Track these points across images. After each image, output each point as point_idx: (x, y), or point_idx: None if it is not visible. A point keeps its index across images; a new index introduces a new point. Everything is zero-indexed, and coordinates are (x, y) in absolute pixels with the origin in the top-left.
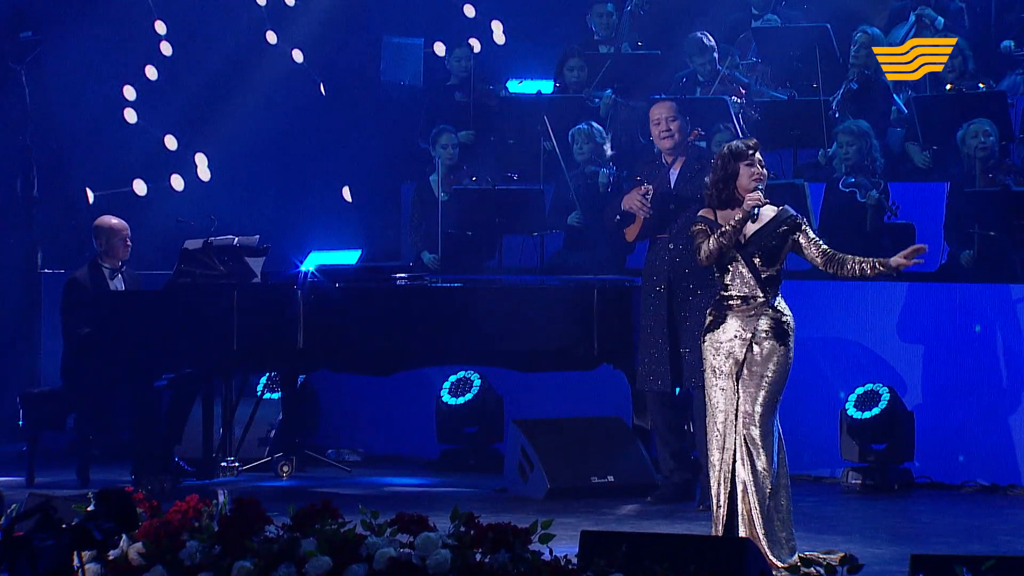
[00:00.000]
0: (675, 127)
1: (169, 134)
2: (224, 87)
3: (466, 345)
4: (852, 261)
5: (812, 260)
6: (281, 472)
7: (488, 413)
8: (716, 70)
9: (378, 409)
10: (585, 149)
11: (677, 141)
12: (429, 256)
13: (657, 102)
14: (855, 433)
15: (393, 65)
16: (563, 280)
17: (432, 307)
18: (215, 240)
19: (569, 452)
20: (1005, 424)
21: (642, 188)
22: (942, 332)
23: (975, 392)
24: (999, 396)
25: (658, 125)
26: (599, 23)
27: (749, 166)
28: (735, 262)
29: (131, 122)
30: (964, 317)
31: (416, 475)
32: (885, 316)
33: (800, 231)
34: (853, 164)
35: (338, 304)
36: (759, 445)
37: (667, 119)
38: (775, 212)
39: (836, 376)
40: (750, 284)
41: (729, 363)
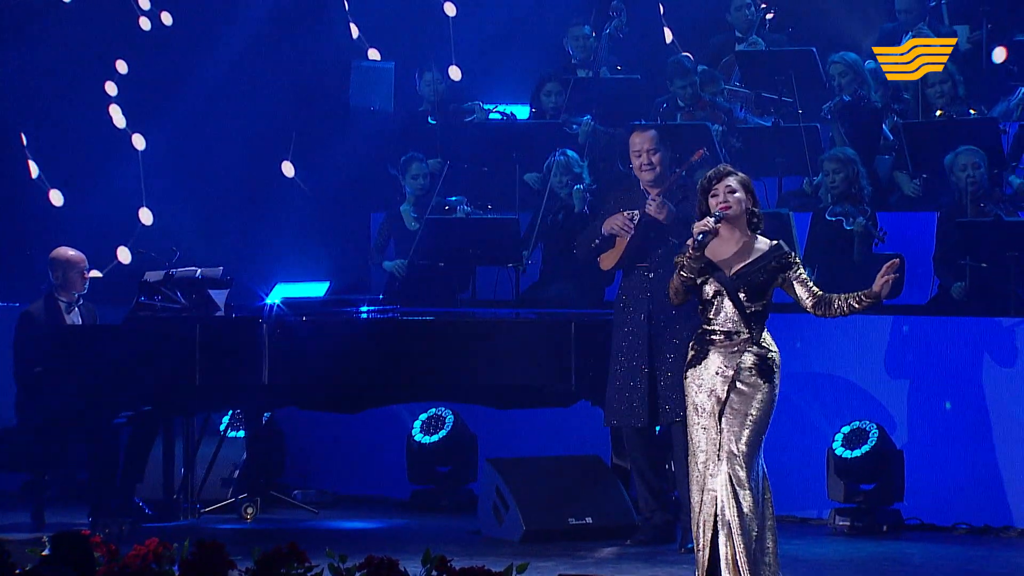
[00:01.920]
0: (656, 159)
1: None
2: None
3: (438, 381)
4: (838, 299)
5: (801, 302)
6: (245, 514)
7: (461, 452)
8: (698, 95)
9: (347, 448)
10: (564, 180)
11: (658, 173)
12: (390, 264)
13: (637, 130)
14: (843, 473)
15: (362, 90)
16: (539, 314)
17: (403, 341)
18: (176, 272)
19: (546, 492)
20: (997, 463)
21: (627, 213)
22: (932, 367)
23: (967, 430)
24: (991, 434)
25: (639, 156)
26: (576, 46)
27: (713, 196)
28: (720, 296)
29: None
30: (955, 352)
31: (386, 516)
32: (873, 350)
33: (791, 270)
34: (840, 192)
35: (305, 338)
36: (745, 485)
37: (648, 151)
38: (768, 247)
39: (823, 413)
40: (735, 319)
41: (711, 401)
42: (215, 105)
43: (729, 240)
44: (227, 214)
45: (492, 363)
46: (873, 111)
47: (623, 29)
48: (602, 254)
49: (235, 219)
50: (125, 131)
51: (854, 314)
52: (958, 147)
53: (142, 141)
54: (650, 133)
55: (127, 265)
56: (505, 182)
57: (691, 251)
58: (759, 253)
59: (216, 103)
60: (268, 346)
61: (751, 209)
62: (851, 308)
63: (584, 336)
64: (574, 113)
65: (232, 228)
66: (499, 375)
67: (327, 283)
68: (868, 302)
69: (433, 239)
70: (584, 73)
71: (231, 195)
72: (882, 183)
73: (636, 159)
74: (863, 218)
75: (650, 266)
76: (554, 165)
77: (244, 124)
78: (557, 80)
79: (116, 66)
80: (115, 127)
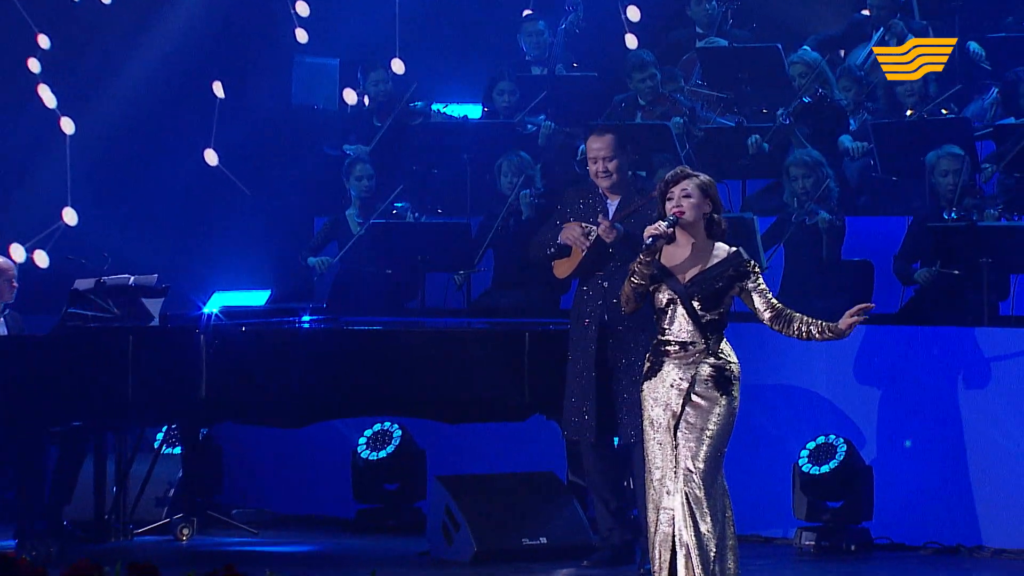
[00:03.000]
0: (612, 166)
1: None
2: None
3: (385, 394)
4: (800, 321)
5: (758, 314)
6: (181, 535)
7: (409, 468)
8: (657, 90)
9: (288, 465)
10: (514, 182)
11: (615, 181)
12: (314, 259)
13: (595, 133)
14: (809, 490)
15: (305, 87)
16: (492, 323)
17: (348, 352)
18: (108, 280)
19: (498, 511)
20: (969, 480)
21: (584, 226)
22: (903, 379)
23: (938, 445)
24: (964, 449)
25: (595, 162)
26: (531, 42)
27: (669, 199)
28: (673, 304)
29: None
30: (927, 363)
31: (330, 537)
32: (841, 362)
33: (750, 279)
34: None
35: (244, 349)
36: (703, 504)
37: (604, 158)
38: (727, 254)
39: (788, 428)
40: (689, 329)
41: (667, 415)
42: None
43: (685, 246)
44: (162, 217)
45: (442, 375)
46: (837, 110)
47: (579, 24)
48: (556, 260)
49: (171, 222)
50: (55, 112)
51: (811, 341)
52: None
53: (71, 125)
54: (607, 137)
55: (49, 271)
56: (456, 185)
57: (642, 256)
58: (717, 260)
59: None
60: (205, 358)
61: (710, 215)
62: (810, 335)
63: (538, 347)
64: (528, 112)
65: (168, 232)
66: (449, 388)
67: (268, 291)
68: (829, 336)
69: (379, 244)
70: (539, 70)
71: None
72: (851, 185)
73: (592, 165)
74: (825, 212)
75: (605, 274)
76: (504, 164)
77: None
78: (510, 78)
79: (38, 40)
80: (42, 108)
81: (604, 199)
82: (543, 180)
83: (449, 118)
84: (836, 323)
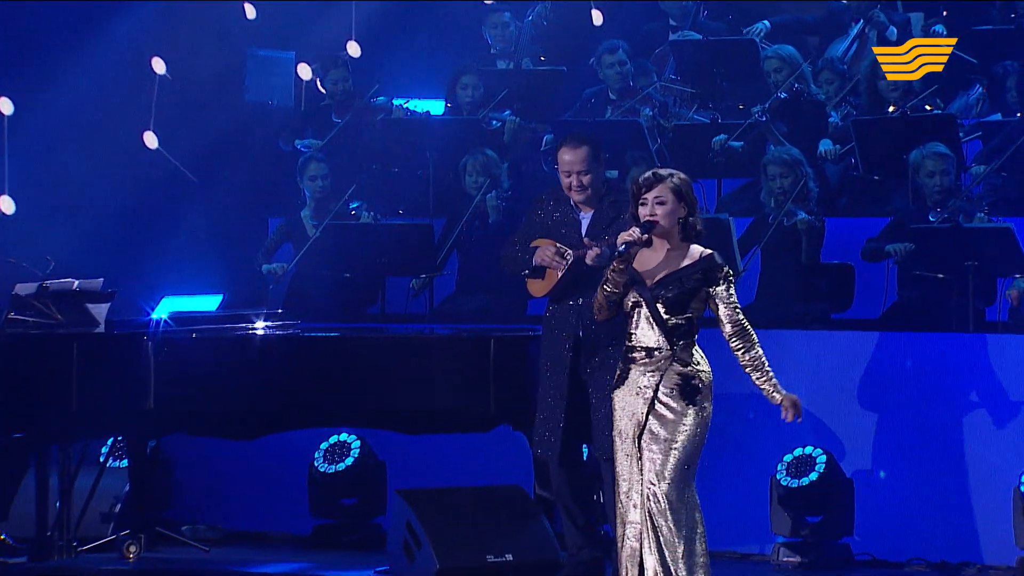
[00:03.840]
0: (587, 180)
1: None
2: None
3: (343, 404)
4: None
5: (721, 325)
6: (127, 553)
7: (368, 482)
8: (628, 83)
9: (241, 478)
10: (480, 182)
11: (588, 195)
12: (268, 266)
13: (568, 145)
14: (787, 503)
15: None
16: (455, 329)
17: (304, 360)
18: (51, 284)
19: (462, 527)
20: (955, 493)
21: (559, 247)
22: (884, 388)
23: (922, 456)
24: (949, 461)
25: (568, 176)
26: (496, 35)
27: (642, 205)
28: (638, 307)
29: None
30: (909, 371)
31: (285, 554)
32: (821, 369)
33: (719, 285)
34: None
35: (195, 357)
36: (668, 519)
37: (579, 172)
38: (699, 257)
39: (765, 438)
40: (654, 334)
41: (632, 424)
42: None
43: (659, 249)
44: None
45: (403, 384)
46: (815, 105)
47: (547, 16)
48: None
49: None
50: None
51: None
52: (925, 143)
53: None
54: (582, 151)
55: None
56: (418, 185)
57: (615, 263)
58: (687, 262)
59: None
60: (154, 366)
61: (686, 219)
62: (755, 378)
63: (504, 354)
64: (494, 108)
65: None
66: (410, 397)
67: (220, 296)
68: (764, 389)
69: (336, 247)
70: (504, 64)
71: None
72: (831, 185)
73: (565, 178)
74: (803, 213)
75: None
76: (468, 163)
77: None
78: (474, 72)
79: None
80: None
81: (577, 211)
82: (510, 179)
83: (411, 114)
84: (776, 392)
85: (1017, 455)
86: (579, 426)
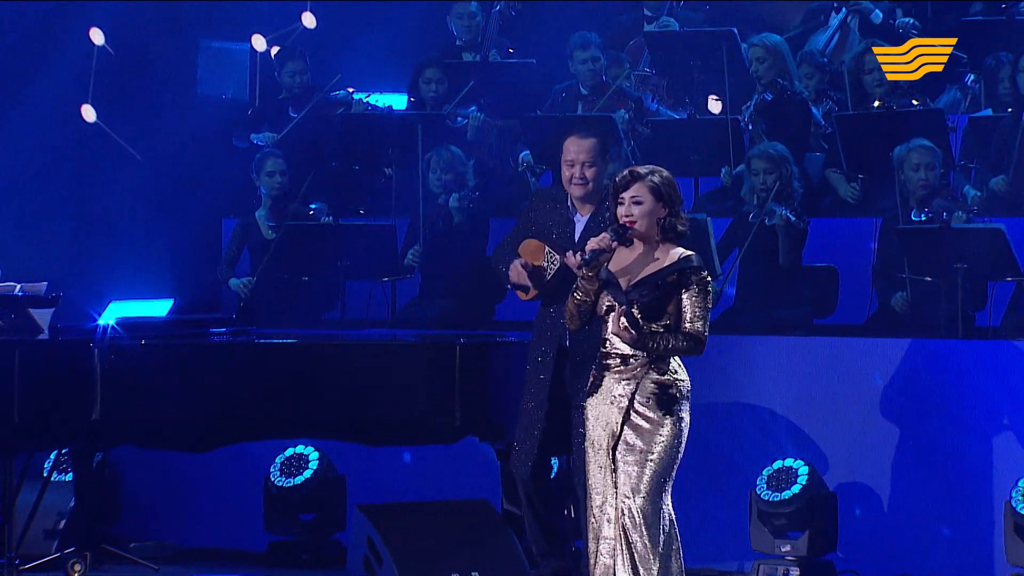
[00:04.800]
0: (591, 174)
1: None
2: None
3: (301, 414)
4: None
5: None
6: (72, 571)
7: (327, 496)
8: (600, 78)
9: (193, 493)
10: (444, 179)
11: (590, 191)
12: (236, 281)
13: (576, 135)
14: (767, 519)
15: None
16: (419, 336)
17: (260, 368)
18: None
19: (426, 543)
20: (944, 508)
21: (528, 264)
22: (870, 397)
23: (909, 469)
24: (937, 474)
25: (571, 166)
26: (461, 26)
27: (620, 204)
28: (612, 312)
29: None
30: (896, 379)
31: (239, 573)
32: (803, 377)
33: (688, 290)
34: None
35: (144, 365)
36: (643, 535)
37: (584, 164)
38: (677, 258)
39: (744, 450)
40: None
41: (606, 435)
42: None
43: (635, 248)
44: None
45: (364, 393)
46: (799, 103)
47: (515, 6)
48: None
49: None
50: None
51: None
52: (910, 139)
53: None
54: (589, 141)
55: None
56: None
57: (584, 270)
58: (664, 264)
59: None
60: (100, 375)
61: (665, 219)
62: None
63: (471, 361)
64: (459, 104)
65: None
66: (372, 407)
67: (171, 301)
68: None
69: (294, 250)
70: (470, 57)
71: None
72: (814, 184)
73: (568, 169)
74: (784, 210)
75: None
76: (432, 160)
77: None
78: (439, 65)
79: None
80: None
81: (573, 212)
82: (476, 178)
83: (372, 109)
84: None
85: (1009, 468)
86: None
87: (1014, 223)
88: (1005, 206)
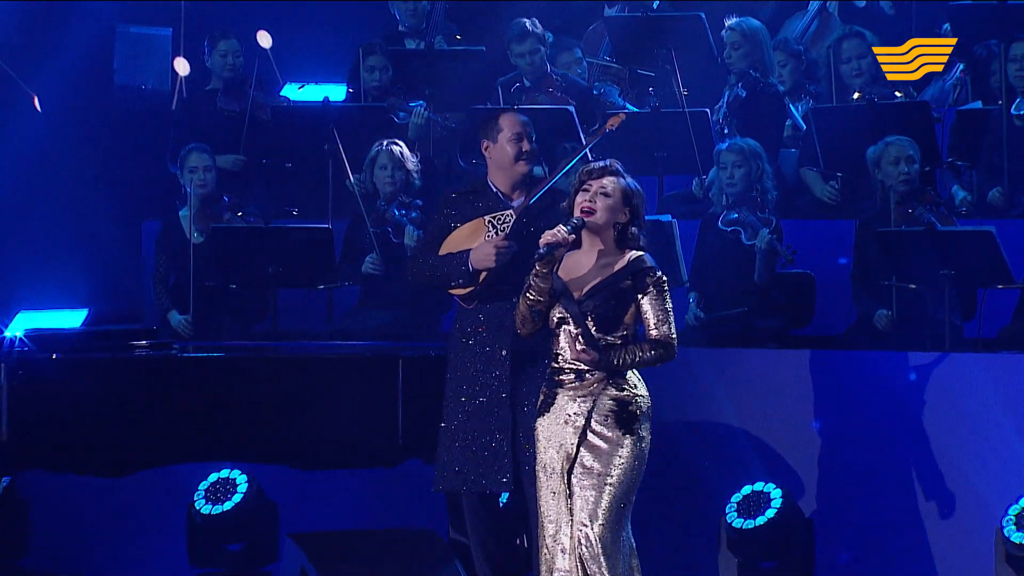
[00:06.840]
0: (535, 150)
1: None
2: None
3: (228, 435)
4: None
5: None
6: None
7: (257, 525)
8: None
9: (109, 521)
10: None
11: (535, 166)
12: (179, 318)
13: (508, 112)
14: (738, 547)
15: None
16: (359, 348)
17: (183, 385)
18: None
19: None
20: (930, 534)
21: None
22: (849, 415)
23: (892, 493)
24: (922, 499)
25: (519, 140)
26: (405, 10)
27: (583, 192)
28: (565, 323)
29: None
30: (877, 394)
31: None
32: (777, 393)
33: (645, 294)
34: (738, 193)
35: (56, 382)
36: (602, 566)
37: (531, 136)
38: (629, 260)
39: (713, 473)
40: None
41: (560, 457)
42: None
43: (589, 253)
44: None
45: (297, 412)
46: (774, 97)
47: None
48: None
49: None
50: None
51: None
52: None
53: None
54: (524, 118)
55: None
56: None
57: (537, 267)
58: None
59: None
60: (7, 392)
61: (626, 226)
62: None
63: (414, 376)
64: (402, 94)
65: None
66: (306, 427)
67: (85, 311)
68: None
69: (221, 255)
70: (415, 44)
71: None
72: (788, 184)
73: (514, 145)
74: (767, 230)
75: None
76: (380, 155)
77: None
78: (383, 52)
79: None
80: None
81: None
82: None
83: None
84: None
85: (1000, 492)
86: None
87: (1005, 225)
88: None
